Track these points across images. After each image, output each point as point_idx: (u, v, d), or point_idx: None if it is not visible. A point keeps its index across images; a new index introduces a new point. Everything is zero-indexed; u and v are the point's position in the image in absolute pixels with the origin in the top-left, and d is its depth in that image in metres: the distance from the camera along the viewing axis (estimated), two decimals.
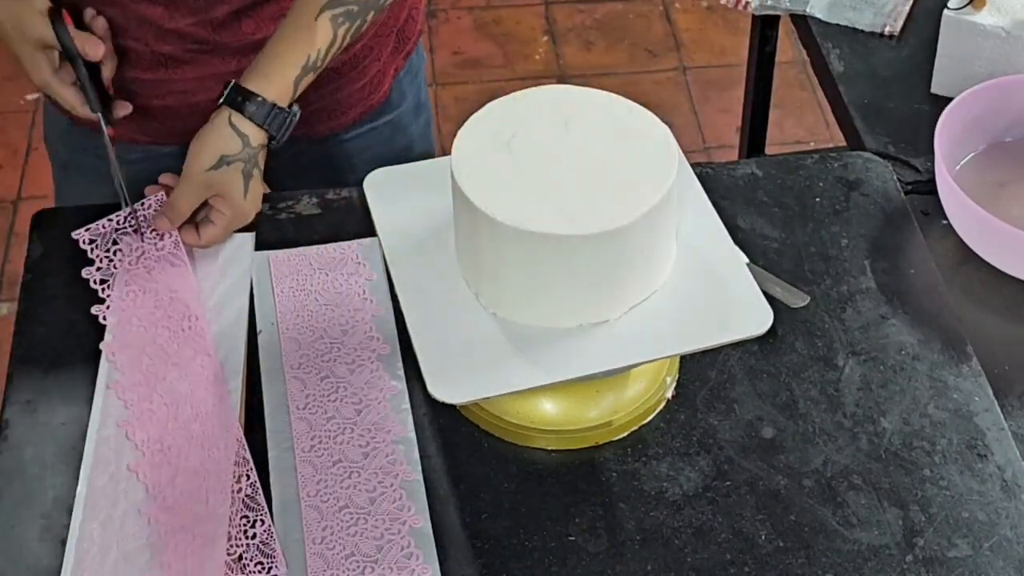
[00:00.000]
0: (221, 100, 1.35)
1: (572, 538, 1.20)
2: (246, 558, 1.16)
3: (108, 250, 1.38)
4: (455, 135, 1.20)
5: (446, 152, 1.22)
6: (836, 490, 1.23)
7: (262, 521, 1.18)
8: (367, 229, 1.35)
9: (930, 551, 1.19)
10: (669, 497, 1.23)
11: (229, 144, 1.34)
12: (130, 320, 1.32)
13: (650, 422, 1.28)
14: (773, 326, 1.19)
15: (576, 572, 1.18)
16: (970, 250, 1.49)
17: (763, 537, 1.20)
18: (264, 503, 1.19)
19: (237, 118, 1.34)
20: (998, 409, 1.30)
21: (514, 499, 1.22)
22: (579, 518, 1.21)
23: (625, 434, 1.27)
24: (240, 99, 1.34)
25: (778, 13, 1.92)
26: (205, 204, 1.37)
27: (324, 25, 1.34)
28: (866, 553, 1.19)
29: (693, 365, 1.32)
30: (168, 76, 1.47)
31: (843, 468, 1.25)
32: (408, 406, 1.28)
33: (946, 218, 1.51)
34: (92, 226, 1.39)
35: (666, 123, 1.23)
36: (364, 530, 1.18)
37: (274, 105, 1.35)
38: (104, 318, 1.33)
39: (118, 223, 1.39)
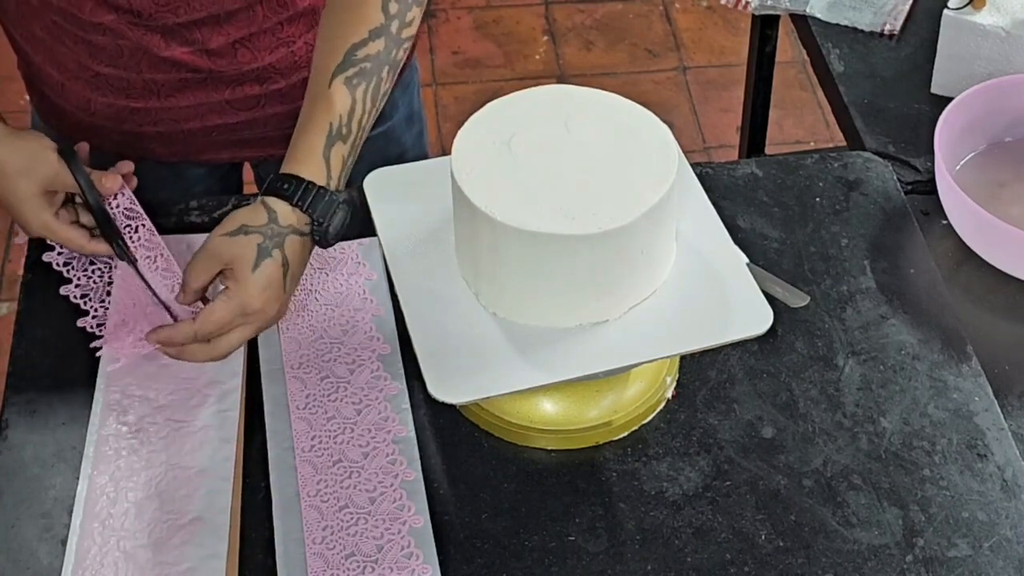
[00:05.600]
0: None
1: (572, 538, 1.20)
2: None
3: (86, 270, 1.37)
4: (455, 135, 1.20)
5: (446, 152, 1.22)
6: (836, 490, 1.23)
7: (143, 225, 1.31)
8: (367, 229, 1.35)
9: (930, 551, 1.19)
10: (669, 497, 1.23)
11: (254, 216, 1.24)
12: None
13: (650, 422, 1.28)
14: (773, 326, 1.19)
15: (576, 572, 1.18)
16: (970, 250, 1.49)
17: (763, 537, 1.20)
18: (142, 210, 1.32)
19: (270, 199, 1.25)
20: (998, 409, 1.30)
21: (514, 499, 1.22)
22: (579, 518, 1.21)
23: (625, 434, 1.27)
24: (277, 183, 1.25)
25: (778, 13, 1.92)
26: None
27: (339, 90, 1.26)
28: (866, 553, 1.19)
29: (693, 365, 1.32)
30: (161, 104, 1.46)
31: (843, 468, 1.25)
32: (408, 406, 1.28)
33: (946, 218, 1.51)
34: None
35: (666, 123, 1.23)
36: (364, 530, 1.18)
37: (309, 183, 1.24)
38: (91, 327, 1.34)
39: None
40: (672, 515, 1.21)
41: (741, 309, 1.20)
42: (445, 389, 1.14)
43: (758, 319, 1.20)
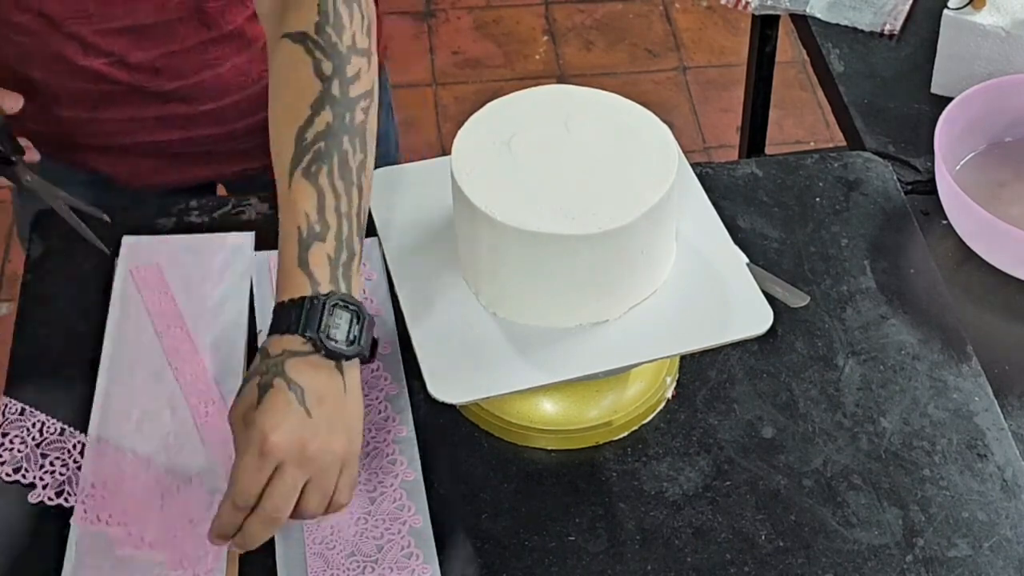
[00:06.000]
0: None
1: (572, 538, 1.20)
2: None
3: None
4: (455, 135, 1.20)
5: (446, 152, 1.22)
6: (836, 490, 1.23)
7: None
8: (367, 229, 1.35)
9: (930, 551, 1.19)
10: (669, 497, 1.23)
11: (252, 366, 1.10)
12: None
13: (650, 422, 1.28)
14: (773, 326, 1.19)
15: (576, 572, 1.18)
16: (970, 250, 1.49)
17: (763, 537, 1.20)
18: None
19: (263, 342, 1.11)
20: (998, 409, 1.30)
21: (514, 499, 1.22)
22: (579, 518, 1.21)
23: (625, 434, 1.27)
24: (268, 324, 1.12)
25: (778, 13, 1.92)
26: None
27: (300, 187, 1.11)
28: (866, 553, 1.19)
29: (693, 365, 1.32)
30: (91, 116, 1.45)
31: (843, 468, 1.25)
32: (408, 406, 1.28)
33: (946, 218, 1.51)
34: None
35: (666, 123, 1.23)
36: (364, 530, 1.18)
37: (287, 302, 1.08)
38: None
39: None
40: (672, 515, 1.21)
41: (741, 309, 1.20)
42: (445, 389, 1.14)
43: (758, 319, 1.20)
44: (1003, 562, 1.18)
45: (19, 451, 1.23)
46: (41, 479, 1.21)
